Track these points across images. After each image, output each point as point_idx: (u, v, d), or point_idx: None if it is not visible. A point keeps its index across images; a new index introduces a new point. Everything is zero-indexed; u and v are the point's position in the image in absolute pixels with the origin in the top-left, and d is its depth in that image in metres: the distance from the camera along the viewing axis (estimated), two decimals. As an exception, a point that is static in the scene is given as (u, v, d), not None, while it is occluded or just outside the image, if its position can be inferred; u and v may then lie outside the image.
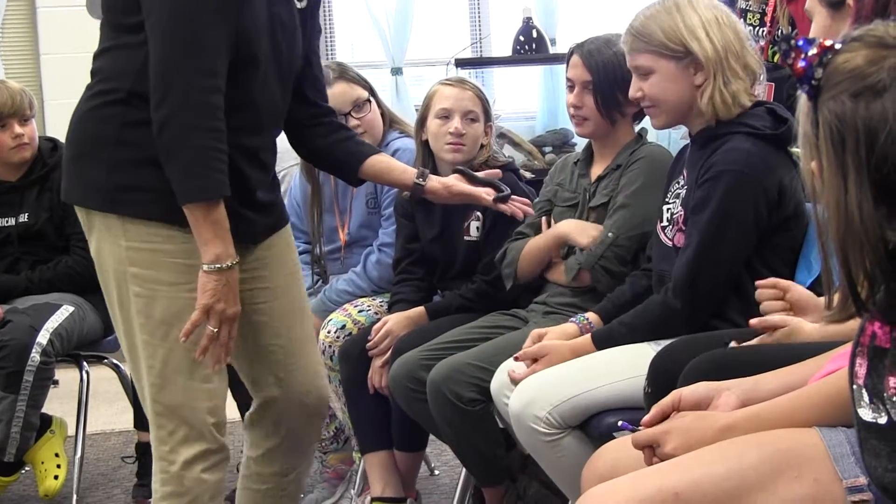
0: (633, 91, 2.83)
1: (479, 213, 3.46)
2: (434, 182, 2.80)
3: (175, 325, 2.42)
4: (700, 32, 2.74)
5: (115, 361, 4.06)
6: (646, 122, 3.13)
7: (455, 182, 2.83)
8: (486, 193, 2.81)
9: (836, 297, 1.51)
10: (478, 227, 3.48)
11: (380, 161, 2.79)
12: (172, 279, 2.44)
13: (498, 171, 3.00)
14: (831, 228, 1.46)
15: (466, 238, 3.50)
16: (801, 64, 1.45)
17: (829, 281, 1.53)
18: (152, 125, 2.33)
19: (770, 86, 3.39)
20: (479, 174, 2.93)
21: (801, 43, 1.46)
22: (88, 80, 2.49)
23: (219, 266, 2.36)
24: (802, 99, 1.48)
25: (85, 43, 5.74)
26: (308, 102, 2.74)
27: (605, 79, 3.13)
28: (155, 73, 2.32)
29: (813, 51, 1.45)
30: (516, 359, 2.87)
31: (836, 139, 1.43)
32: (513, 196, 2.85)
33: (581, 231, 3.14)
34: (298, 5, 2.60)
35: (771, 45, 3.42)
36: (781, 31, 3.40)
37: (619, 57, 2.99)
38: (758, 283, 2.44)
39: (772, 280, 2.42)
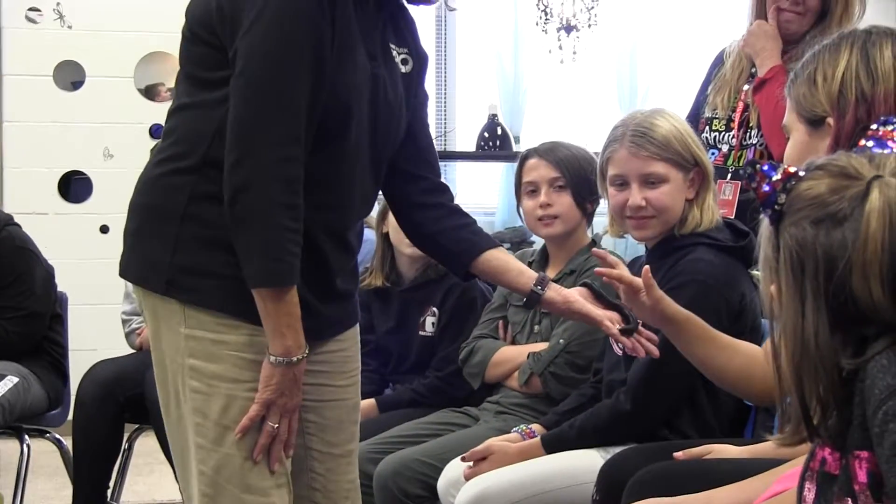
0: (636, 199, 2.75)
1: (434, 309, 3.46)
2: (553, 292, 2.40)
3: (232, 427, 2.14)
4: (696, 143, 2.79)
5: (56, 436, 4.00)
6: (597, 227, 3.16)
7: (577, 298, 2.41)
8: (610, 320, 2.38)
9: (790, 420, 1.51)
10: (433, 323, 3.48)
11: (496, 258, 2.42)
12: (234, 375, 2.15)
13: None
14: (787, 352, 1.46)
15: (422, 333, 3.50)
16: (764, 188, 1.47)
17: (781, 404, 1.54)
18: (224, 194, 2.08)
19: (736, 184, 3.42)
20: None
21: (765, 168, 1.48)
22: (51, 150, 2.36)
23: (287, 360, 2.12)
24: (765, 223, 1.50)
25: (49, 112, 5.78)
26: (415, 179, 2.41)
27: (574, 171, 3.17)
28: (233, 132, 2.06)
29: (777, 176, 1.47)
30: (463, 459, 2.85)
31: (795, 264, 1.44)
32: (640, 329, 2.41)
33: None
34: (403, 70, 2.31)
35: (741, 148, 3.46)
36: (753, 135, 3.44)
37: (577, 154, 3.12)
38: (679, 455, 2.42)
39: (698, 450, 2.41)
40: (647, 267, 2.33)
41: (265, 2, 2.05)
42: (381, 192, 2.40)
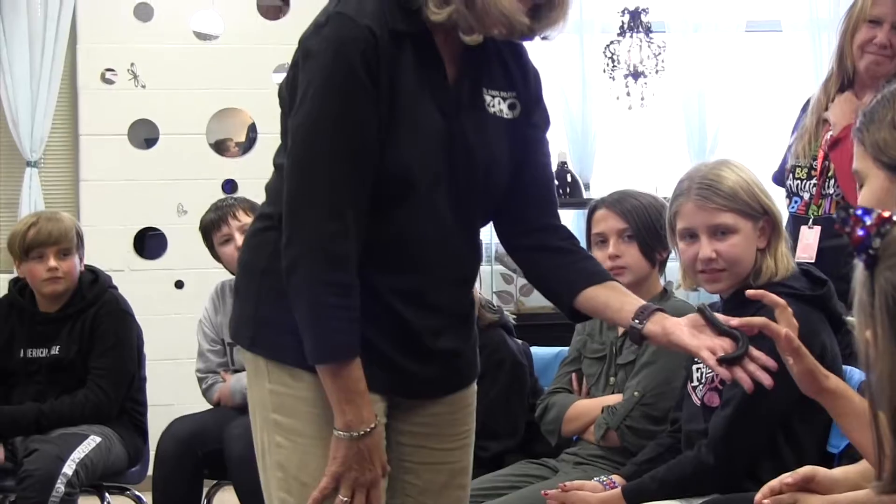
0: (706, 252, 2.73)
1: None
2: (654, 325, 2.18)
3: (311, 485, 2.13)
4: (763, 192, 2.76)
5: (137, 493, 4.03)
6: (671, 276, 3.14)
7: (676, 328, 2.16)
8: (712, 350, 2.09)
9: (888, 468, 1.49)
10: None
11: (594, 296, 2.26)
12: (313, 432, 2.15)
13: (760, 321, 2.17)
14: (884, 398, 1.44)
15: None
16: (859, 233, 1.45)
17: (880, 451, 1.51)
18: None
19: (817, 230, 3.40)
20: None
21: (859, 212, 1.46)
22: (125, 207, 2.36)
23: (349, 434, 2.09)
24: (859, 268, 1.48)
25: (124, 170, 5.87)
26: (524, 223, 2.33)
27: (642, 221, 3.16)
28: (285, 211, 2.09)
29: (871, 221, 1.45)
30: (544, 494, 2.82)
31: (892, 308, 1.42)
32: (752, 354, 2.09)
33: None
34: (508, 115, 2.24)
35: (821, 197, 3.44)
36: (831, 185, 3.42)
37: (645, 204, 3.09)
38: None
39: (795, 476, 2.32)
40: (787, 332, 2.15)
41: (309, 81, 2.07)
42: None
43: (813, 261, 3.27)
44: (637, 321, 2.19)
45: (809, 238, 3.35)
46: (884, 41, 3.35)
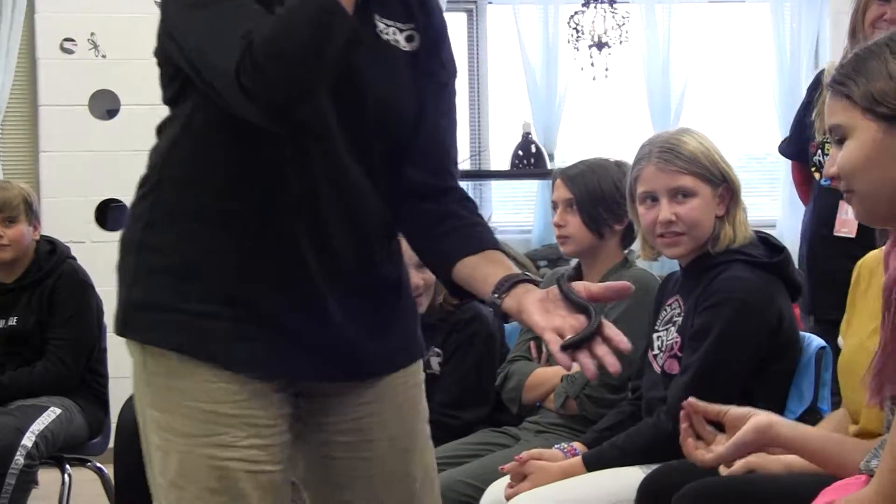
0: (666, 214, 2.76)
1: (437, 350, 3.42)
2: (511, 300, 1.84)
3: (186, 488, 1.85)
4: (723, 160, 2.78)
5: (98, 465, 4.02)
6: (634, 247, 3.14)
7: (530, 305, 1.82)
8: (559, 331, 1.78)
9: None
10: (439, 363, 3.44)
11: (468, 265, 1.93)
12: (188, 429, 1.85)
13: (622, 286, 1.95)
14: None
15: (428, 371, 3.43)
16: None
17: None
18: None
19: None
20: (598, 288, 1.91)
21: None
22: (86, 178, 2.11)
23: None
24: None
25: (85, 141, 5.82)
26: (409, 185, 1.98)
27: (588, 191, 3.16)
28: (201, 76, 1.80)
29: None
30: (501, 469, 2.84)
31: None
32: (604, 333, 1.81)
33: None
34: (405, 47, 1.95)
35: None
36: None
37: (599, 175, 3.08)
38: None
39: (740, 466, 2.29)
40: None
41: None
42: None
43: (853, 236, 3.29)
44: (496, 295, 1.86)
45: (849, 213, 3.35)
46: (894, 17, 3.36)
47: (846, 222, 3.34)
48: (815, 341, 2.79)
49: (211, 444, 1.84)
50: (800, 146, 3.66)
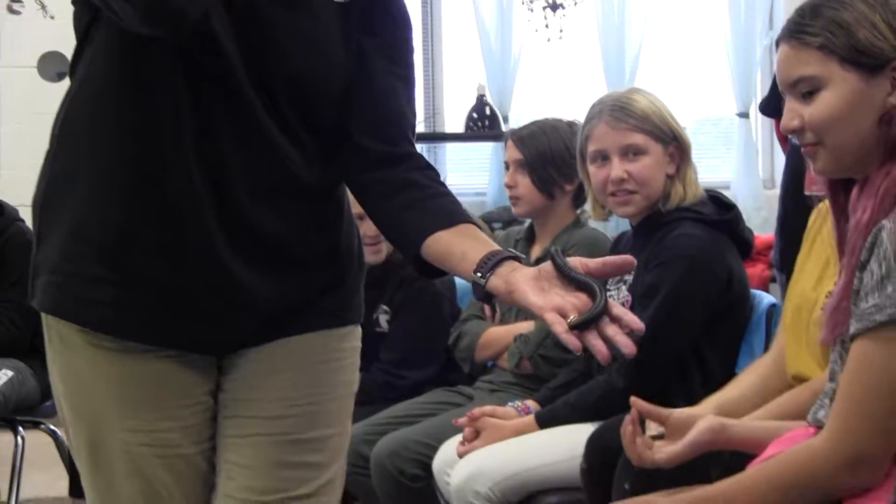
0: (618, 172, 2.77)
1: (385, 307, 3.42)
2: (498, 279, 1.68)
3: (100, 470, 1.80)
4: (673, 119, 2.80)
5: (52, 427, 3.99)
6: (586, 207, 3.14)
7: (521, 283, 1.66)
8: (560, 310, 1.62)
9: None
10: (387, 321, 3.44)
11: (439, 240, 1.76)
12: (94, 411, 1.79)
13: (623, 260, 1.72)
14: None
15: (378, 329, 3.43)
16: None
17: None
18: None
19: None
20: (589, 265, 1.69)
21: None
22: (36, 141, 2.00)
23: None
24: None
25: (34, 104, 5.76)
26: (363, 154, 1.82)
27: (537, 151, 3.17)
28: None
29: None
30: (455, 422, 2.85)
31: None
32: (614, 314, 1.63)
33: None
34: None
35: None
36: None
37: (550, 136, 3.09)
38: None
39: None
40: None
41: None
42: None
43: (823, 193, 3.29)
44: (479, 274, 1.69)
45: None
46: None
47: (816, 180, 3.35)
48: (766, 299, 2.82)
49: (121, 428, 1.77)
50: (781, 104, 3.65)
